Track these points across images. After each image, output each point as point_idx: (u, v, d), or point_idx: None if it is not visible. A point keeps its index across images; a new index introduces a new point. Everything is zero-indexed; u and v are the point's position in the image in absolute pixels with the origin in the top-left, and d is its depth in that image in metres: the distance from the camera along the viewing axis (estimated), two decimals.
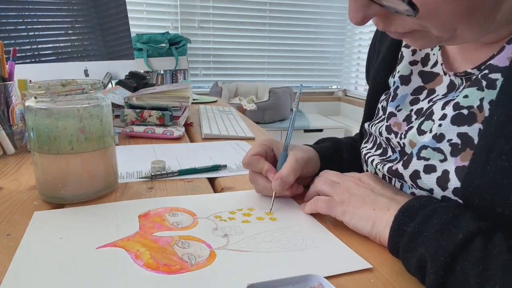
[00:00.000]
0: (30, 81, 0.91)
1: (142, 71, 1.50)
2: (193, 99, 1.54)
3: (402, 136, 0.52)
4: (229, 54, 3.22)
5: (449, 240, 0.36)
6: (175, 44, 2.46)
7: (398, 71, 0.56)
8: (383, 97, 0.61)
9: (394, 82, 0.56)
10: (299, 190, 0.59)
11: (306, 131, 2.92)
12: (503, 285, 0.32)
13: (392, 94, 0.55)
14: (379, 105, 0.61)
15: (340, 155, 0.67)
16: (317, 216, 0.52)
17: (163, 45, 2.40)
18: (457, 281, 0.35)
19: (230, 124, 1.16)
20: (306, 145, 0.66)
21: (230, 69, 3.25)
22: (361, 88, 3.41)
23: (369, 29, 3.22)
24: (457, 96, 0.44)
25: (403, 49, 0.57)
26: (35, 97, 0.54)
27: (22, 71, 0.99)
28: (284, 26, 3.28)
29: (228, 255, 0.43)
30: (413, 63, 0.55)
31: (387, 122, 0.55)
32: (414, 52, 0.56)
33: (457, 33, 0.39)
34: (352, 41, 3.45)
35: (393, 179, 0.52)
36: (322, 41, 3.42)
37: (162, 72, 2.44)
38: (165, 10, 2.98)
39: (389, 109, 0.55)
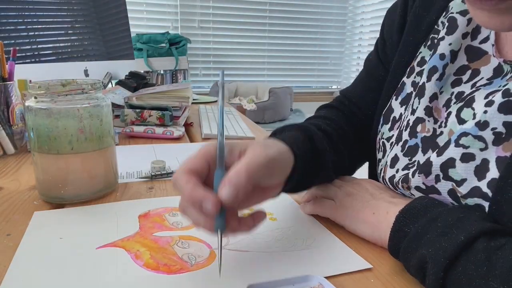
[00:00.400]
0: (30, 81, 0.90)
1: (142, 71, 1.50)
2: (193, 99, 1.54)
3: (443, 125, 0.47)
4: (229, 54, 3.22)
5: (450, 242, 0.36)
6: (175, 44, 2.46)
7: (450, 44, 0.49)
8: (415, 70, 0.54)
9: (444, 56, 0.49)
10: (259, 220, 0.42)
11: None
12: (510, 285, 0.32)
13: (440, 71, 0.49)
14: (406, 80, 0.54)
15: (317, 155, 0.50)
16: (317, 216, 0.52)
17: (163, 45, 2.40)
18: (458, 282, 0.35)
19: (230, 124, 1.16)
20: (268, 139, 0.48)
21: (230, 69, 3.25)
22: None
23: (369, 29, 3.23)
24: (505, 85, 0.41)
25: (457, 15, 0.49)
26: (35, 97, 0.54)
27: (22, 71, 0.99)
28: (284, 26, 3.28)
29: (228, 255, 0.43)
30: (465, 35, 0.49)
31: (429, 102, 0.49)
32: (469, 21, 0.49)
33: None
34: (352, 41, 3.45)
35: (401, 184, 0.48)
36: (322, 41, 3.42)
37: (162, 72, 2.44)
38: (165, 10, 2.98)
39: (434, 89, 0.49)
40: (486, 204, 0.40)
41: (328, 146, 0.52)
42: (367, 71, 0.66)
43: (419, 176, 0.45)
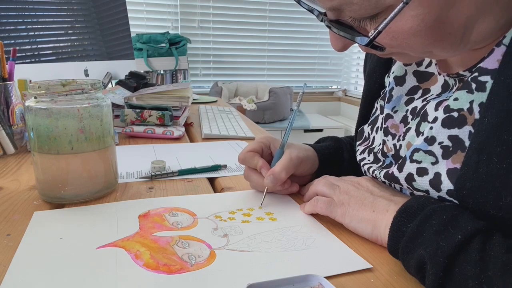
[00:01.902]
0: (30, 81, 0.91)
1: (142, 71, 1.50)
2: (193, 99, 1.54)
3: (401, 138, 0.52)
4: (229, 54, 3.22)
5: (447, 241, 0.36)
6: (175, 44, 2.46)
7: (393, 72, 0.55)
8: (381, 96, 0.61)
9: (389, 83, 0.56)
10: (293, 189, 0.60)
11: (306, 131, 2.92)
12: (501, 286, 0.32)
13: (387, 95, 0.55)
14: (377, 105, 0.61)
15: (341, 154, 0.66)
16: (317, 216, 0.52)
17: (163, 45, 2.40)
18: (455, 282, 0.35)
19: (230, 124, 1.16)
20: (306, 144, 0.65)
21: (230, 69, 3.25)
22: (361, 88, 3.40)
23: None
24: (449, 97, 0.44)
25: None
26: (35, 97, 0.54)
27: (22, 71, 0.99)
28: (284, 26, 3.28)
29: (228, 255, 0.43)
30: (407, 63, 0.55)
31: (384, 123, 0.55)
32: None
33: (434, 53, 0.41)
34: None
35: (392, 183, 0.51)
36: (322, 41, 3.42)
37: (162, 72, 2.44)
38: (165, 10, 2.97)
39: (386, 111, 0.55)
40: None
41: (345, 149, 0.67)
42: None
43: (395, 183, 0.49)
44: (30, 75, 0.98)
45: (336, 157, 0.66)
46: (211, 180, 0.69)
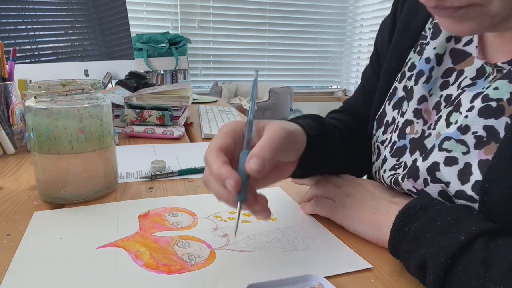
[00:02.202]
0: (30, 81, 0.91)
1: (142, 71, 1.50)
2: (193, 99, 1.54)
3: (432, 127, 0.49)
4: (229, 54, 3.22)
5: (450, 242, 0.36)
6: (175, 44, 2.46)
7: (434, 48, 0.51)
8: (406, 75, 0.56)
9: (430, 60, 0.51)
10: (266, 214, 0.43)
11: None
12: (507, 286, 0.32)
13: (427, 75, 0.51)
14: (398, 85, 0.56)
15: (328, 134, 0.53)
16: (317, 216, 0.52)
17: (163, 45, 2.40)
18: (458, 282, 0.35)
19: None
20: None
21: (230, 69, 3.25)
22: None
23: (369, 29, 3.23)
24: (487, 88, 0.43)
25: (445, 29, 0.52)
26: (35, 97, 0.54)
27: (22, 71, 0.99)
28: (284, 26, 3.28)
29: (228, 255, 0.43)
30: (448, 39, 0.51)
31: (418, 105, 0.51)
32: None
33: None
34: (352, 41, 3.45)
35: (395, 186, 0.50)
36: (322, 41, 3.42)
37: (162, 72, 2.44)
38: (165, 10, 2.98)
39: (422, 92, 0.51)
40: (474, 206, 0.41)
41: (336, 134, 0.55)
42: (363, 83, 0.69)
43: (408, 180, 0.46)
44: (30, 75, 0.98)
45: (324, 137, 0.52)
46: None
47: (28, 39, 1.14)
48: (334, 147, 0.54)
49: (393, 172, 0.51)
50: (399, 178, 0.48)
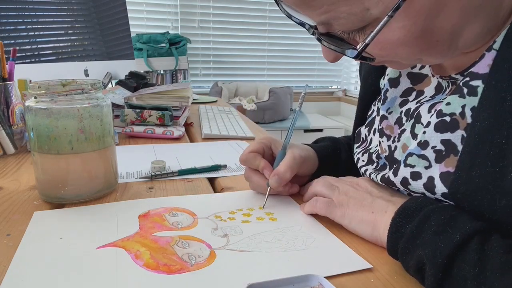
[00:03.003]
0: (30, 81, 0.91)
1: (142, 71, 1.50)
2: (193, 99, 1.54)
3: (396, 140, 0.52)
4: (229, 54, 3.22)
5: (446, 242, 0.36)
6: (175, 44, 2.46)
7: (387, 74, 0.56)
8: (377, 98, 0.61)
9: (384, 84, 0.56)
10: (294, 189, 0.60)
11: (306, 131, 2.92)
12: (500, 287, 0.32)
13: (382, 97, 0.56)
14: (374, 107, 0.61)
15: (338, 154, 0.67)
16: (317, 216, 0.52)
17: (163, 45, 2.40)
18: (455, 283, 0.35)
19: (230, 124, 1.16)
20: (305, 144, 0.66)
21: (230, 69, 3.25)
22: None
23: None
24: (443, 99, 0.44)
25: None
26: (35, 97, 0.54)
27: (22, 71, 0.99)
28: (284, 26, 3.28)
29: (228, 255, 0.43)
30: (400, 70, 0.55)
31: (380, 125, 0.55)
32: None
33: (424, 60, 0.42)
34: None
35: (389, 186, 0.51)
36: None
37: (162, 72, 2.44)
38: (165, 10, 2.97)
39: (381, 112, 0.55)
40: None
41: (346, 151, 0.67)
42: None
43: (390, 186, 0.49)
44: (30, 75, 0.98)
45: (334, 157, 0.66)
46: (211, 180, 0.69)
47: (28, 39, 1.14)
48: (342, 163, 0.66)
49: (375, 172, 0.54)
50: (379, 181, 0.50)
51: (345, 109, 3.49)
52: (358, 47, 0.38)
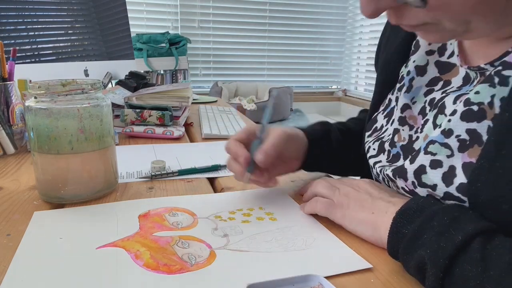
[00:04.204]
0: (30, 81, 0.91)
1: (142, 71, 1.50)
2: (193, 99, 1.54)
3: (418, 130, 0.51)
4: (229, 54, 3.22)
5: (448, 242, 0.36)
6: (175, 44, 2.46)
7: (414, 61, 0.54)
8: (396, 87, 0.59)
9: (409, 72, 0.54)
10: (273, 182, 0.58)
11: None
12: (506, 286, 0.32)
13: (407, 85, 0.54)
14: (391, 96, 0.59)
15: (328, 135, 0.65)
16: (317, 216, 0.52)
17: (163, 45, 2.40)
18: (456, 283, 0.35)
19: (230, 124, 1.16)
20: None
21: (230, 69, 3.25)
22: (361, 88, 3.41)
23: (369, 29, 3.23)
24: (470, 91, 0.43)
25: (419, 37, 0.56)
26: (35, 97, 0.54)
27: (22, 71, 0.99)
28: (284, 26, 3.28)
29: (228, 255, 0.43)
30: (429, 53, 0.54)
31: (401, 113, 0.54)
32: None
33: (472, 26, 0.39)
34: (352, 41, 3.45)
35: (394, 181, 0.51)
36: (322, 41, 3.42)
37: (162, 72, 2.44)
38: (165, 10, 2.97)
39: (404, 101, 0.53)
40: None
41: (338, 136, 0.66)
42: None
43: (399, 179, 0.48)
44: (30, 75, 0.98)
45: (324, 138, 0.65)
46: (211, 180, 0.69)
47: (28, 39, 1.14)
48: (334, 146, 0.64)
49: (381, 165, 0.54)
50: (390, 174, 0.50)
51: (345, 109, 3.49)
52: None
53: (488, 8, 0.37)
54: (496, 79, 0.41)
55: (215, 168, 0.73)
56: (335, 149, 0.65)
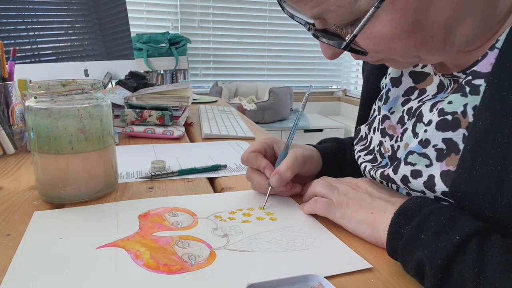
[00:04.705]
0: (30, 81, 0.91)
1: (142, 71, 1.50)
2: (193, 99, 1.54)
3: (398, 139, 0.52)
4: (229, 54, 3.22)
5: (445, 243, 0.36)
6: (175, 44, 2.46)
7: (389, 73, 0.56)
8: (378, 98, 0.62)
9: (386, 84, 0.56)
10: (296, 190, 0.59)
11: (306, 131, 2.92)
12: (500, 287, 0.32)
13: (384, 97, 0.56)
14: (375, 106, 0.61)
15: (343, 154, 0.67)
16: (317, 216, 0.52)
17: (163, 45, 2.40)
18: (454, 283, 0.35)
19: (230, 124, 1.16)
20: (309, 145, 0.66)
21: (230, 69, 3.25)
22: (361, 88, 3.41)
23: None
24: (445, 97, 0.44)
25: None
26: (35, 97, 0.54)
27: (22, 71, 0.99)
28: (284, 26, 3.28)
29: (228, 255, 0.43)
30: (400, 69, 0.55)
31: (381, 125, 0.55)
32: None
33: (422, 58, 0.41)
34: None
35: (389, 184, 0.52)
36: None
37: (162, 72, 2.44)
38: (165, 10, 2.97)
39: (383, 112, 0.55)
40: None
41: (348, 149, 0.67)
42: None
43: (391, 183, 0.49)
44: (30, 75, 0.98)
45: (339, 158, 0.66)
46: (211, 180, 0.69)
47: (28, 39, 1.14)
48: (347, 164, 0.65)
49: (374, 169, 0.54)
50: (378, 176, 0.51)
51: (345, 109, 3.49)
52: (346, 38, 0.38)
53: (429, 45, 0.39)
54: (467, 88, 0.41)
55: (215, 168, 0.73)
56: (348, 166, 0.66)
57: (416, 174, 0.44)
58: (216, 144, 0.95)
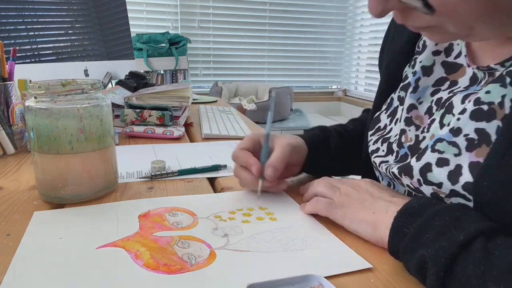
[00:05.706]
0: (30, 81, 0.91)
1: (142, 71, 1.50)
2: (193, 99, 1.54)
3: (425, 130, 0.51)
4: (229, 54, 3.21)
5: (449, 242, 0.36)
6: (175, 44, 2.46)
7: (420, 61, 0.55)
8: (399, 86, 0.60)
9: (416, 72, 0.55)
10: (283, 186, 0.60)
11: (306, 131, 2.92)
12: (507, 285, 0.32)
13: (413, 85, 0.54)
14: (394, 95, 0.60)
15: (327, 141, 0.67)
16: (317, 216, 0.52)
17: (163, 45, 2.40)
18: (457, 282, 0.35)
19: (230, 124, 1.16)
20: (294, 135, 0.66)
21: (230, 69, 3.25)
22: (361, 88, 3.41)
23: (369, 29, 3.22)
24: (479, 90, 0.43)
25: (425, 38, 0.56)
26: (35, 97, 0.54)
27: (22, 71, 0.99)
28: (284, 26, 3.28)
29: (228, 255, 0.43)
30: (436, 53, 0.54)
31: (407, 113, 0.54)
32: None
33: (474, 31, 0.40)
34: (352, 41, 3.45)
35: (398, 179, 0.51)
36: (322, 41, 3.42)
37: (162, 72, 2.44)
38: (165, 10, 2.97)
39: (410, 101, 0.54)
40: (469, 204, 0.41)
41: (336, 139, 0.68)
42: None
43: (405, 176, 0.48)
44: (30, 75, 0.98)
45: (324, 144, 0.66)
46: (211, 180, 0.69)
47: (28, 39, 1.14)
48: (332, 152, 0.67)
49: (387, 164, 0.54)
50: (396, 172, 0.50)
51: (345, 109, 3.49)
52: None
53: (493, 17, 0.38)
54: (508, 79, 0.41)
55: (215, 168, 0.73)
56: (334, 154, 0.67)
57: (443, 162, 0.43)
58: (216, 144, 0.95)
